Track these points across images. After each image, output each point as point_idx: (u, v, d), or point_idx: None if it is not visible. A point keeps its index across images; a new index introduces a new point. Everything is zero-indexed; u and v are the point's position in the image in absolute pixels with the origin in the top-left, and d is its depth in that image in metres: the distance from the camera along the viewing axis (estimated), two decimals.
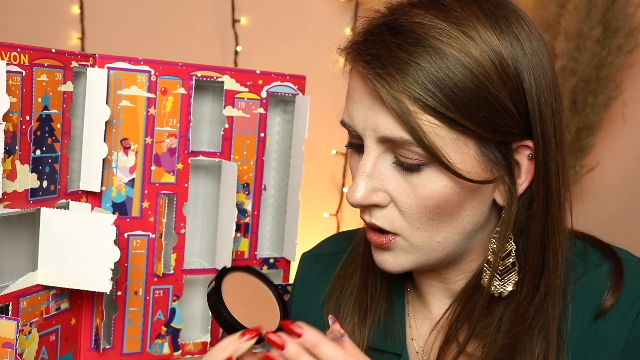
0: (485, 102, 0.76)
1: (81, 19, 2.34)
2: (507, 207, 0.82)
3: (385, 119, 0.77)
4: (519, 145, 0.80)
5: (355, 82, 0.81)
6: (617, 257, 0.86)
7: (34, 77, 0.85)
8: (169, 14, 2.40)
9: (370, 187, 0.80)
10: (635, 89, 2.47)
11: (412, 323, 0.95)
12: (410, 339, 0.94)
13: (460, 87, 0.75)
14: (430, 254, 0.83)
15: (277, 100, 1.09)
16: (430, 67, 0.74)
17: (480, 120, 0.76)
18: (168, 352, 1.01)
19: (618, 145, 2.55)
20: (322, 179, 2.47)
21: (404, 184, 0.79)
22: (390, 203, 0.81)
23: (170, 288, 1.01)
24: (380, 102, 0.77)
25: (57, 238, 0.89)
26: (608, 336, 0.82)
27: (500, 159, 0.79)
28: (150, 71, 0.96)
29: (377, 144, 0.80)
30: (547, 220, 0.82)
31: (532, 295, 0.83)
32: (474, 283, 0.87)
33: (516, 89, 0.77)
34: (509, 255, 0.83)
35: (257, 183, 1.05)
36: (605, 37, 2.31)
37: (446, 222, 0.81)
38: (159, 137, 0.97)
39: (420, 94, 0.74)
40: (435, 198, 0.78)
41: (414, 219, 0.80)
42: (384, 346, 0.93)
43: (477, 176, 0.79)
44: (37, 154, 0.87)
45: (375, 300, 0.95)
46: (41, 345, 0.89)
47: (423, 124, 0.75)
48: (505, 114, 0.77)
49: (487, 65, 0.76)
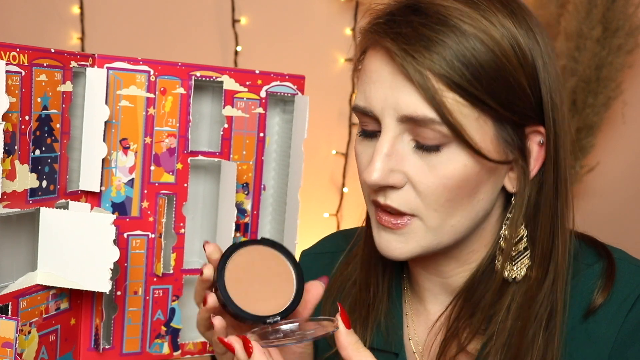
0: (507, 83, 0.78)
1: (81, 19, 2.35)
2: (520, 192, 0.83)
3: (408, 97, 0.78)
4: (532, 130, 0.82)
5: (375, 63, 0.82)
6: (610, 257, 0.86)
7: (33, 77, 0.85)
8: (169, 14, 2.40)
9: (388, 168, 0.80)
10: (635, 89, 2.47)
11: (410, 323, 0.95)
12: (408, 339, 0.94)
13: (485, 66, 0.76)
14: (442, 238, 0.83)
15: (277, 100, 1.09)
16: (456, 45, 0.76)
17: (503, 99, 0.78)
18: (168, 352, 1.01)
19: (618, 145, 2.55)
20: (322, 179, 2.47)
21: (423, 165, 0.80)
22: (406, 184, 0.81)
23: (169, 288, 1.01)
24: (404, 79, 0.78)
25: (57, 238, 0.89)
26: (598, 335, 0.83)
27: (516, 142, 0.81)
28: (149, 71, 0.96)
29: (396, 123, 0.80)
30: (556, 205, 0.84)
31: (541, 280, 0.84)
32: (476, 278, 0.87)
33: (532, 74, 0.80)
34: (521, 241, 0.84)
35: (257, 183, 1.05)
36: (605, 37, 2.31)
37: (462, 204, 0.81)
38: (159, 137, 0.98)
39: (448, 71, 0.76)
40: (455, 178, 0.79)
41: (432, 200, 0.80)
42: (383, 346, 0.94)
43: (497, 156, 0.80)
44: (37, 154, 0.87)
45: (377, 300, 0.96)
46: (41, 345, 0.89)
47: (448, 101, 0.76)
48: (523, 96, 0.79)
49: (507, 48, 0.78)
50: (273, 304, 0.84)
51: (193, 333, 1.04)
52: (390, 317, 0.95)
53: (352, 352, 0.76)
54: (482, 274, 0.87)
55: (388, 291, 0.96)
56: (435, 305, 0.93)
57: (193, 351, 1.03)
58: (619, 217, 2.56)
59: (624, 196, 2.59)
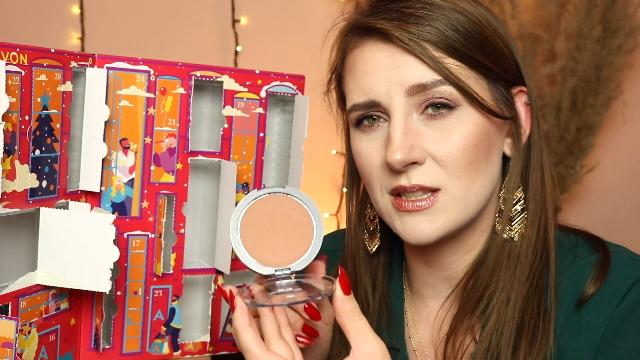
0: (491, 44, 0.85)
1: (81, 19, 2.35)
2: (515, 154, 0.89)
3: (412, 68, 0.83)
4: (517, 91, 0.89)
5: (366, 55, 0.86)
6: (606, 250, 0.88)
7: (33, 77, 0.85)
8: (169, 14, 2.40)
9: (408, 144, 0.83)
10: (635, 89, 2.47)
11: (410, 321, 0.96)
12: (408, 337, 0.95)
13: (471, 31, 0.84)
14: (468, 208, 0.86)
15: (277, 100, 1.09)
16: (441, 17, 0.83)
17: (494, 58, 0.85)
18: (168, 352, 1.01)
19: (618, 145, 2.55)
20: (321, 179, 2.47)
21: (437, 133, 0.84)
22: (426, 159, 0.84)
23: (169, 288, 1.01)
24: (405, 54, 0.83)
25: (57, 238, 0.89)
26: (589, 324, 0.84)
27: (510, 101, 0.87)
28: (149, 71, 0.96)
29: (405, 100, 0.83)
30: (543, 167, 0.90)
31: (535, 239, 0.88)
32: (477, 267, 0.89)
33: (504, 40, 0.87)
34: (518, 202, 0.89)
35: (257, 183, 1.05)
36: (605, 37, 2.31)
37: (481, 167, 0.85)
38: (159, 137, 0.98)
39: (443, 39, 0.82)
40: (470, 137, 0.84)
41: (454, 166, 0.84)
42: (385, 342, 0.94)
43: (500, 113, 0.86)
44: (37, 154, 0.87)
45: (375, 299, 0.96)
46: (41, 345, 0.89)
47: (450, 66, 0.83)
48: (506, 57, 0.87)
49: (480, 17, 0.85)
50: (286, 256, 0.82)
51: (193, 333, 1.04)
52: (390, 315, 0.96)
53: (345, 319, 0.75)
54: (482, 263, 0.88)
55: (388, 290, 0.97)
56: (437, 301, 0.94)
57: (193, 351, 1.03)
58: (619, 217, 2.56)
59: (624, 196, 2.59)
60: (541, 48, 2.37)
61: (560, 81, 2.38)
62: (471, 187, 0.85)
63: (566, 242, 0.90)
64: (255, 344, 0.75)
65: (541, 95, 2.39)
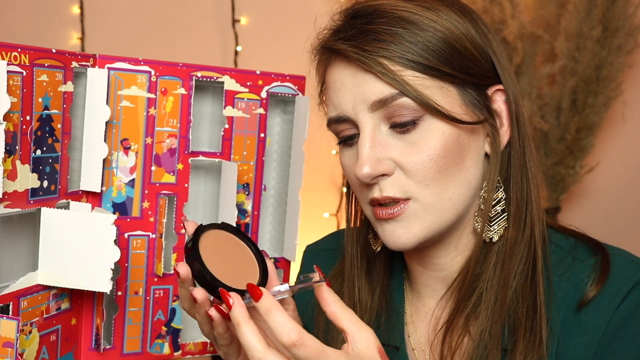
0: (456, 51, 0.84)
1: (81, 19, 2.35)
2: (493, 152, 0.88)
3: (372, 85, 0.83)
4: (494, 91, 0.88)
5: (335, 74, 0.88)
6: (604, 252, 0.88)
7: (35, 77, 0.85)
8: (169, 14, 2.40)
9: (375, 157, 0.84)
10: (635, 89, 2.47)
11: (409, 320, 0.96)
12: (407, 336, 0.95)
13: (432, 41, 0.83)
14: (442, 214, 0.85)
15: (277, 101, 1.09)
16: (399, 30, 0.83)
17: (456, 65, 0.84)
18: (168, 352, 1.01)
19: (618, 145, 2.55)
20: (322, 179, 2.47)
21: (405, 145, 0.84)
22: (395, 170, 0.85)
23: (170, 288, 1.01)
24: (364, 73, 0.84)
25: (58, 238, 0.89)
26: (589, 325, 0.84)
27: (482, 103, 0.86)
28: (150, 71, 0.96)
29: (370, 114, 0.84)
30: (525, 165, 0.89)
31: (519, 238, 0.88)
32: (470, 266, 0.89)
33: (475, 42, 0.86)
34: (499, 203, 0.88)
35: (257, 183, 1.06)
36: (605, 37, 2.31)
37: (452, 174, 0.85)
38: (159, 138, 0.98)
39: (399, 53, 0.83)
40: (438, 147, 0.83)
41: (422, 176, 0.84)
42: (385, 340, 0.95)
43: (469, 119, 0.85)
44: (38, 154, 0.87)
45: (375, 297, 0.96)
46: (41, 345, 0.89)
47: (408, 78, 0.83)
48: (475, 59, 0.86)
49: (443, 26, 0.84)
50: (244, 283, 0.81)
51: (193, 333, 1.05)
52: (390, 314, 0.96)
53: (336, 307, 0.75)
54: (475, 263, 0.88)
55: (387, 290, 0.97)
56: (434, 300, 0.94)
57: (193, 351, 1.04)
58: (619, 217, 2.56)
59: (624, 196, 2.59)
60: (541, 48, 2.37)
61: (560, 81, 2.38)
62: (443, 194, 0.85)
63: (565, 244, 0.91)
64: (257, 340, 0.74)
65: (541, 95, 2.39)
